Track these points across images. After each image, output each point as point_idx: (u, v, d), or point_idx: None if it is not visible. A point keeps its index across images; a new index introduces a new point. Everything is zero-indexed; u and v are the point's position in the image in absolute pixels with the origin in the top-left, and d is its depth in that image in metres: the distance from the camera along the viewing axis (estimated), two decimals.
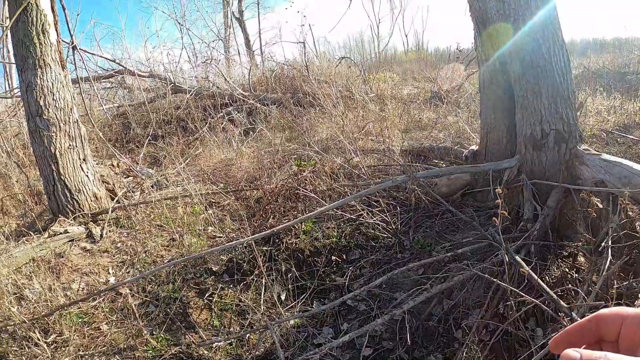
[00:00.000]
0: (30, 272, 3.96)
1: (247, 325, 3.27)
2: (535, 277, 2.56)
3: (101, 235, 4.58)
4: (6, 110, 9.50)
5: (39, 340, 3.10)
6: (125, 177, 6.64)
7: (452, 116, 7.28)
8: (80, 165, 5.05)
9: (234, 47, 19.09)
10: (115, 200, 5.22)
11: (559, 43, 3.41)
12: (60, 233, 4.57)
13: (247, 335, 3.15)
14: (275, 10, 38.88)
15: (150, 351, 3.08)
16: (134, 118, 9.12)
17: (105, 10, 30.51)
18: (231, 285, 3.64)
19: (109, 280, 3.94)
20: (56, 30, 5.05)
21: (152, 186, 5.96)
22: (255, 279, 3.56)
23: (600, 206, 3.23)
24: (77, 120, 5.11)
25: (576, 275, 2.93)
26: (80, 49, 7.12)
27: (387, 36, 22.46)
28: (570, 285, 2.78)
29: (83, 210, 4.97)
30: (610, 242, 2.81)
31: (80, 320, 3.40)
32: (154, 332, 3.26)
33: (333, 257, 3.76)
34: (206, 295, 3.56)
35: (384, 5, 34.76)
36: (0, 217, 5.50)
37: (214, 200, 5.10)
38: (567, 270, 2.97)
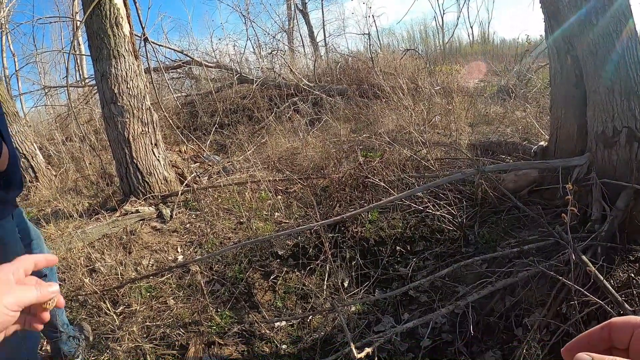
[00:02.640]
0: (102, 247, 4.17)
1: (309, 309, 3.33)
2: (601, 277, 2.50)
3: (171, 216, 4.77)
4: (78, 98, 9.96)
5: (108, 310, 3.30)
6: (192, 163, 6.87)
7: (520, 111, 7.09)
8: (152, 149, 5.27)
9: (297, 39, 19.23)
10: (184, 184, 5.41)
11: (632, 35, 3.23)
12: (132, 212, 4.79)
13: (309, 318, 3.21)
14: (338, 2, 38.77)
15: (215, 327, 3.20)
16: (201, 107, 9.37)
17: (172, 4, 31.42)
18: (295, 270, 3.73)
19: (177, 258, 4.11)
20: (129, 23, 5.29)
21: (219, 172, 6.14)
22: (321, 264, 3.62)
23: None
24: (149, 107, 5.34)
25: None
26: (151, 41, 7.40)
27: (451, 27, 22.08)
28: (635, 290, 2.70)
29: (153, 192, 5.20)
30: None
31: (148, 294, 3.58)
32: (219, 310, 3.38)
33: (397, 248, 3.76)
34: (271, 277, 3.66)
35: None
36: (74, 197, 5.81)
37: (280, 187, 5.21)
38: (633, 275, 2.88)
